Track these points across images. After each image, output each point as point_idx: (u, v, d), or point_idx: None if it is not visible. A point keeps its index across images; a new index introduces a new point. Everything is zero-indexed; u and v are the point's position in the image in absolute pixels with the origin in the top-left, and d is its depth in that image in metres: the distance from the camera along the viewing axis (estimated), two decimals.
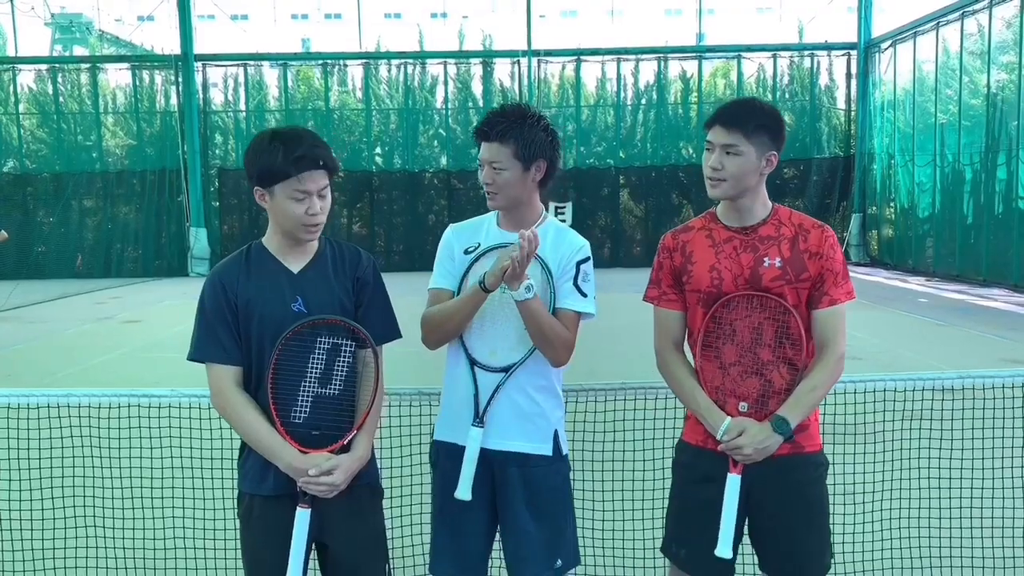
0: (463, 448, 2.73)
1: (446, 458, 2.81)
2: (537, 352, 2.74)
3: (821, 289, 2.64)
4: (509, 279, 2.58)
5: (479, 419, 2.72)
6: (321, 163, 2.52)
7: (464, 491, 2.69)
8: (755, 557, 2.77)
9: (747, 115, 2.63)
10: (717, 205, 2.79)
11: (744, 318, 2.63)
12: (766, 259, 2.64)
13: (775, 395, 2.61)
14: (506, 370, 2.74)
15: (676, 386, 2.75)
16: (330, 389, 2.60)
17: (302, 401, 2.57)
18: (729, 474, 2.57)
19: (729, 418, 2.58)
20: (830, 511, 2.78)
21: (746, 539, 2.75)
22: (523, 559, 2.76)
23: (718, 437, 2.58)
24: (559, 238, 2.81)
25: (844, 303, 2.66)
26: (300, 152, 2.49)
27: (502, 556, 2.84)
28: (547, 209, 2.96)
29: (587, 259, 2.81)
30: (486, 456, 2.72)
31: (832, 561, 2.76)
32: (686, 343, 2.81)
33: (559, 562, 2.78)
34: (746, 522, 2.71)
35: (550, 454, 2.78)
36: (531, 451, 2.76)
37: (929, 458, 4.05)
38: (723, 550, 2.54)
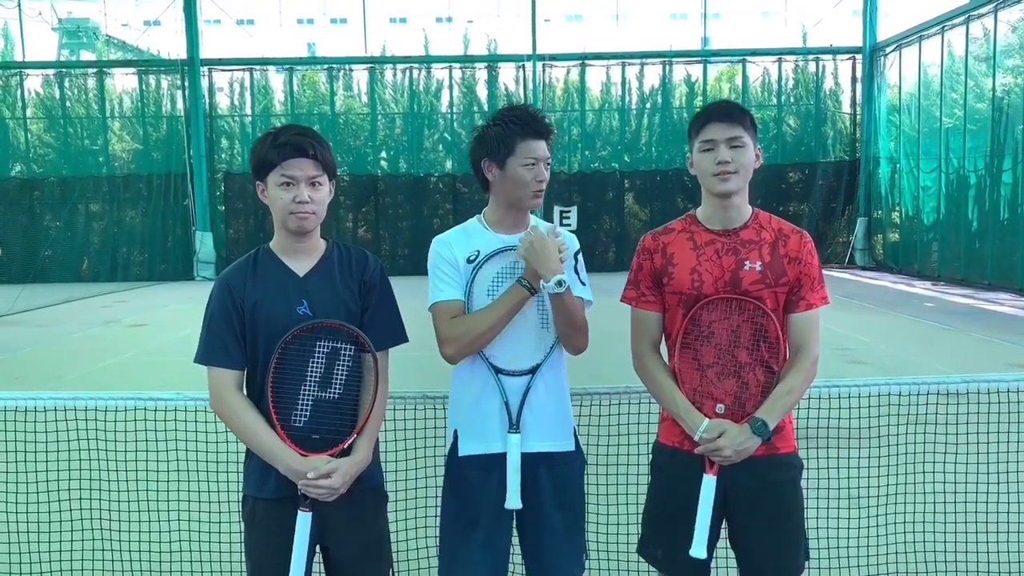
0: (496, 456, 2.70)
1: (476, 470, 2.75)
2: (556, 350, 2.77)
3: (798, 294, 2.68)
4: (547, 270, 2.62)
5: (515, 426, 2.71)
6: (306, 151, 2.54)
7: (515, 500, 2.67)
8: (734, 560, 2.77)
9: (740, 111, 2.70)
10: (698, 208, 2.81)
11: (723, 320, 2.66)
12: (747, 263, 2.67)
13: (751, 397, 2.63)
14: (531, 372, 2.74)
15: (654, 387, 2.76)
16: (330, 393, 2.60)
17: (302, 404, 2.58)
18: (705, 475, 2.58)
19: (707, 419, 2.59)
20: (804, 512, 2.78)
21: (724, 541, 2.76)
22: (556, 561, 2.76)
23: (696, 438, 2.59)
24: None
25: (819, 308, 2.71)
26: (283, 139, 2.55)
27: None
28: (552, 212, 2.97)
29: (579, 250, 2.87)
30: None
31: (808, 563, 2.76)
32: (663, 345, 2.82)
33: (584, 558, 2.83)
34: (723, 524, 2.72)
35: (573, 449, 2.82)
36: (558, 449, 2.78)
37: (934, 462, 4.05)
38: (698, 550, 2.55)
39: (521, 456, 2.70)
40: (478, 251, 2.78)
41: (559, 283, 2.59)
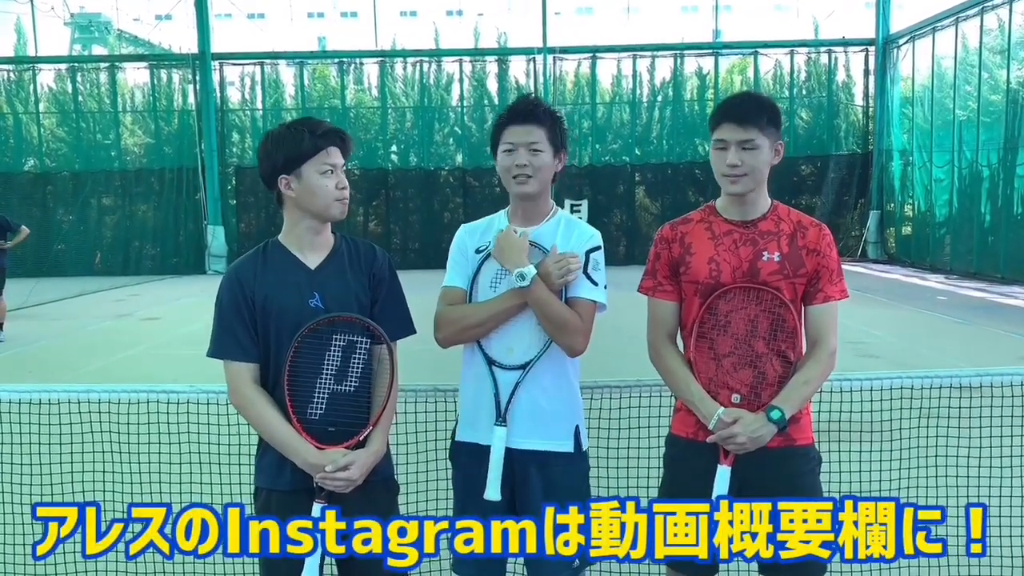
0: (486, 447, 2.72)
1: (468, 457, 2.80)
2: (553, 347, 2.73)
3: (816, 286, 2.68)
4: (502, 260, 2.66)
5: (502, 418, 2.72)
6: (341, 139, 2.63)
7: (493, 492, 2.68)
8: (741, 558, 2.76)
9: (758, 109, 2.66)
10: (717, 199, 2.80)
11: (740, 310, 2.65)
12: (765, 253, 2.66)
13: (768, 387, 2.63)
14: (523, 367, 2.74)
15: (669, 376, 2.75)
16: (345, 386, 2.62)
17: (318, 398, 2.59)
18: (720, 466, 2.57)
19: (722, 407, 2.59)
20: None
21: None
22: (542, 560, 2.72)
23: (711, 426, 2.58)
24: (570, 229, 2.82)
25: (838, 300, 2.70)
26: (324, 129, 2.61)
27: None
28: (562, 206, 2.96)
29: (597, 248, 2.80)
30: (507, 454, 2.71)
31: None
32: (678, 336, 2.82)
33: (576, 562, 2.75)
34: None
35: (571, 451, 2.77)
36: (552, 448, 2.75)
37: (947, 456, 4.03)
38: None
39: (510, 452, 2.71)
40: (489, 243, 2.80)
41: (520, 276, 2.63)
